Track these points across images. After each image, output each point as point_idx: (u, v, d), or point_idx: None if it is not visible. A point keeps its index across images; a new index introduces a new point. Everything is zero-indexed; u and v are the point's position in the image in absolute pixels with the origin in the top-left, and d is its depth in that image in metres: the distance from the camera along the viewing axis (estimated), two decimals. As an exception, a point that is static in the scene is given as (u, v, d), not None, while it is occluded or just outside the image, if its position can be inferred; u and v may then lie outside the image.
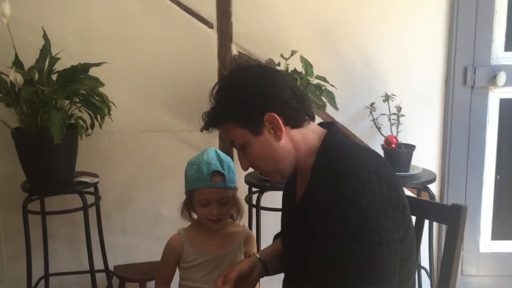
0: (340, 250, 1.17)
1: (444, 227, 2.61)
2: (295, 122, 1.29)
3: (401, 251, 1.21)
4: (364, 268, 1.15)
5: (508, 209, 2.69)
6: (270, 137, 1.28)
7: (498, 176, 2.65)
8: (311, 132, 1.32)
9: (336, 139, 1.30)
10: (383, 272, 1.15)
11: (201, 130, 1.35)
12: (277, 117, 1.25)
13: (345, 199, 1.16)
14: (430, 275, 2.40)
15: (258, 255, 1.53)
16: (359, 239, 1.15)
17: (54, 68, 2.20)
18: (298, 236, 1.33)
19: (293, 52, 2.24)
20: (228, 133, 1.32)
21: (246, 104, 1.26)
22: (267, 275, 1.52)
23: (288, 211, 1.48)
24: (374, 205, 1.15)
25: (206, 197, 1.56)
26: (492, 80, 2.51)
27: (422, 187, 2.37)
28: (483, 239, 2.69)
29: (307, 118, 1.31)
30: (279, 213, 2.42)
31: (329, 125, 1.36)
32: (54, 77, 2.19)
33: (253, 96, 1.26)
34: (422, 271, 2.45)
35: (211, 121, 1.32)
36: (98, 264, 2.47)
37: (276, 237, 1.67)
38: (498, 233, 2.71)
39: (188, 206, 1.65)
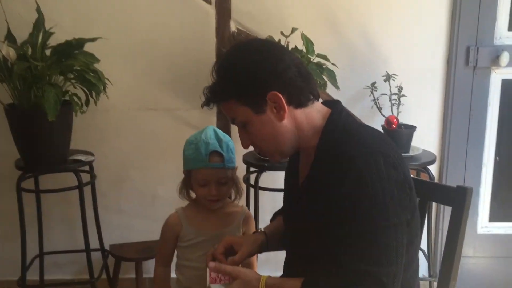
0: (347, 233, 1.15)
1: (442, 208, 2.62)
2: (299, 101, 1.25)
3: (407, 234, 1.18)
4: (371, 252, 1.12)
5: (506, 191, 2.68)
6: (272, 116, 1.24)
7: (497, 158, 2.63)
8: (315, 112, 1.28)
9: (341, 119, 1.27)
10: (391, 256, 1.13)
11: (202, 106, 1.31)
12: (281, 96, 1.21)
13: (351, 181, 1.13)
14: (428, 257, 2.40)
15: (263, 229, 1.51)
16: (366, 222, 1.13)
17: (47, 43, 2.15)
18: (301, 217, 1.30)
19: (293, 30, 2.19)
20: (229, 110, 1.28)
21: (249, 81, 1.22)
22: (267, 250, 1.50)
23: (290, 191, 1.44)
24: (380, 188, 1.12)
25: (204, 177, 1.54)
26: (495, 60, 2.47)
27: (422, 168, 2.35)
28: (481, 220, 2.69)
29: (311, 97, 1.27)
30: (277, 193, 2.42)
31: (334, 104, 1.32)
32: (48, 52, 2.14)
33: (256, 73, 1.21)
34: (420, 252, 2.44)
35: (213, 97, 1.28)
36: (94, 243, 2.45)
37: (275, 215, 1.64)
38: (496, 215, 2.70)
39: (187, 185, 1.62)
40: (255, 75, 1.21)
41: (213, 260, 1.40)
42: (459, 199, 1.37)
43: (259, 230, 1.55)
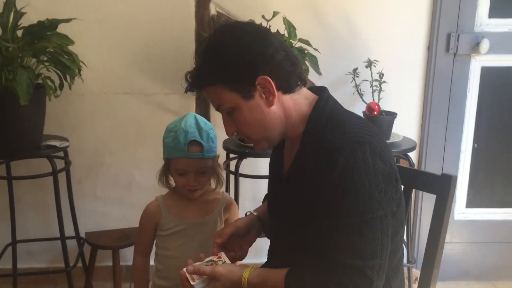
0: (331, 225, 1.13)
1: (421, 194, 2.64)
2: (288, 86, 1.21)
3: (392, 225, 1.17)
4: (356, 244, 1.11)
5: (483, 178, 2.71)
6: (261, 102, 1.20)
7: (475, 145, 2.65)
8: (302, 98, 1.25)
9: (328, 106, 1.23)
10: (376, 248, 1.11)
11: (186, 91, 1.25)
12: (270, 81, 1.17)
13: (337, 172, 1.11)
14: (406, 243, 2.41)
15: (255, 213, 1.48)
16: (351, 214, 1.11)
17: (19, 23, 2.06)
18: (286, 206, 1.28)
19: (275, 13, 2.14)
20: (214, 96, 1.22)
21: (237, 65, 1.16)
22: (264, 232, 1.48)
23: (275, 180, 1.41)
24: (366, 179, 1.10)
25: (182, 167, 1.50)
26: (475, 47, 2.47)
27: (402, 155, 2.35)
28: (458, 207, 2.72)
29: (299, 83, 1.23)
30: (258, 180, 2.41)
31: (320, 90, 1.28)
32: (19, 33, 2.05)
33: (245, 56, 1.16)
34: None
35: (197, 82, 1.22)
36: (69, 231, 2.39)
37: (266, 196, 1.60)
38: (473, 201, 2.73)
39: (166, 172, 1.58)
40: (243, 58, 1.16)
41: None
42: (444, 187, 1.36)
43: (246, 214, 1.51)
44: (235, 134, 1.29)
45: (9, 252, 2.45)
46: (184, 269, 1.27)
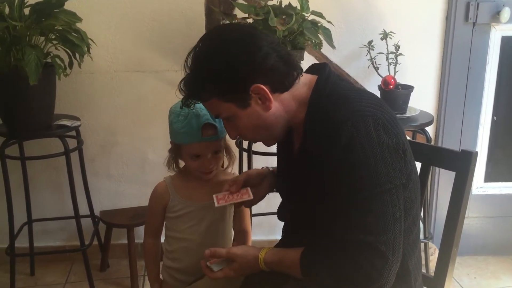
0: (339, 201, 1.11)
1: (437, 170, 2.58)
2: (284, 87, 1.19)
3: (405, 198, 1.14)
4: (367, 219, 1.08)
5: (502, 151, 2.65)
6: (258, 108, 1.18)
7: (495, 118, 2.58)
8: (301, 86, 1.22)
9: (328, 85, 1.20)
10: (388, 223, 1.08)
11: (181, 107, 1.27)
12: (264, 88, 1.15)
13: (340, 147, 1.08)
14: (423, 220, 2.37)
15: (271, 168, 1.48)
16: (358, 189, 1.08)
17: (26, 1, 2.02)
18: (296, 187, 1.26)
19: (287, -15, 2.08)
20: (211, 108, 1.23)
21: (228, 78, 1.14)
22: (277, 188, 1.47)
23: (284, 161, 1.39)
24: (371, 153, 1.07)
25: (197, 151, 1.45)
26: (495, 16, 2.38)
27: (419, 129, 2.30)
28: (476, 181, 2.66)
29: (295, 76, 1.20)
30: (271, 158, 2.36)
31: (320, 69, 1.25)
32: (26, 11, 2.01)
33: (235, 68, 1.14)
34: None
35: (192, 97, 1.22)
36: (83, 209, 2.40)
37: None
38: (491, 175, 2.67)
39: (176, 158, 1.53)
40: (234, 70, 1.14)
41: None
42: (464, 164, 1.31)
43: (266, 167, 1.51)
44: (237, 137, 1.30)
45: (25, 231, 2.47)
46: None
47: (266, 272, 1.25)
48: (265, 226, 2.63)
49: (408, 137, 2.28)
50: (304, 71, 1.26)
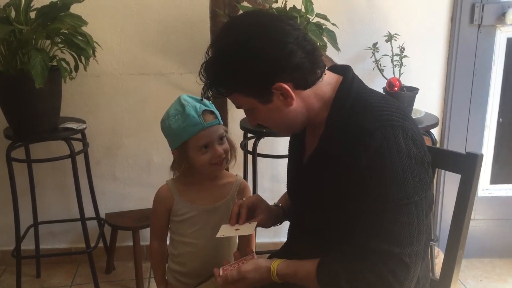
0: (363, 210, 1.09)
1: (442, 172, 2.57)
2: (306, 84, 1.16)
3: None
4: (393, 230, 1.07)
5: (508, 153, 2.63)
6: (279, 103, 1.16)
7: (501, 119, 2.57)
8: (324, 85, 1.19)
9: (353, 88, 1.18)
10: (413, 234, 1.07)
11: (201, 99, 1.23)
12: (286, 87, 1.13)
13: (369, 157, 1.07)
14: (429, 221, 2.37)
15: (280, 204, 1.47)
16: (386, 199, 1.07)
17: (31, 5, 2.03)
18: (308, 190, 1.24)
19: (291, -13, 2.08)
20: (233, 100, 1.21)
21: (250, 75, 1.12)
22: (279, 224, 1.47)
23: (296, 165, 1.36)
24: (400, 164, 1.06)
25: (205, 140, 1.44)
26: (501, 18, 2.37)
27: (425, 132, 2.29)
28: (482, 183, 2.65)
29: (319, 73, 1.16)
30: (276, 160, 2.37)
31: (344, 70, 1.22)
32: (32, 15, 2.03)
33: (258, 66, 1.11)
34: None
35: (213, 93, 1.19)
36: (89, 212, 2.41)
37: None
38: (498, 177, 2.66)
39: (181, 163, 1.51)
40: (257, 68, 1.11)
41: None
42: (469, 166, 1.30)
43: (278, 205, 1.49)
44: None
45: (31, 234, 2.48)
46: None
47: (277, 284, 1.22)
48: (270, 228, 2.60)
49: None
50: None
